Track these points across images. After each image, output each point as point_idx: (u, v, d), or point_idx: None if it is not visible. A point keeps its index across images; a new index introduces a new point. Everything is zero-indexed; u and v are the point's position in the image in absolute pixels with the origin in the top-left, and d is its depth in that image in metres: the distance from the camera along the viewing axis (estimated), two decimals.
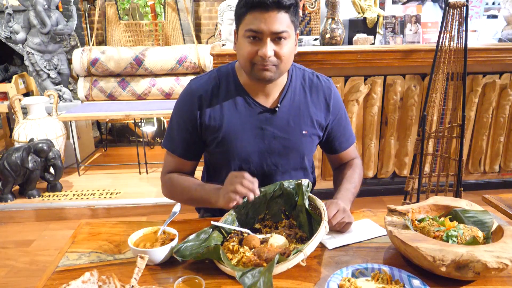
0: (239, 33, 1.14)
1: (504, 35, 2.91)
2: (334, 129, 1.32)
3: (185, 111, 1.23)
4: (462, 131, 2.23)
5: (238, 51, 1.16)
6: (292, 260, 0.89)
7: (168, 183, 1.29)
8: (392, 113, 2.81)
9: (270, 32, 1.08)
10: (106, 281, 0.81)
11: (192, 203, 1.27)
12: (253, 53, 1.10)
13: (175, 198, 1.29)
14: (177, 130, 1.25)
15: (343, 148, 1.36)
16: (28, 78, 3.99)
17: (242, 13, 1.11)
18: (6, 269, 2.25)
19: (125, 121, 4.17)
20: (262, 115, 1.22)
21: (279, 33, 1.09)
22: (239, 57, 1.17)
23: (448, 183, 2.34)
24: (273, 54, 1.10)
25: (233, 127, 1.21)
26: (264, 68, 1.12)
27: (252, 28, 1.08)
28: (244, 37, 1.11)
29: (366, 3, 2.90)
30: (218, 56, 2.52)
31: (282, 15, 1.08)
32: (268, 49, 1.09)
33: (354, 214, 1.24)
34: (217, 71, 1.26)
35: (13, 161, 2.70)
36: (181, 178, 1.26)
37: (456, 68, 2.18)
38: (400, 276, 0.89)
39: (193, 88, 1.23)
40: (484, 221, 1.03)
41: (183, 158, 1.27)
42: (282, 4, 1.07)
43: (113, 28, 4.06)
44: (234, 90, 1.23)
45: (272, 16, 1.07)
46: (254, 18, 1.08)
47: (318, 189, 3.05)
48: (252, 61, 1.12)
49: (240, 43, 1.14)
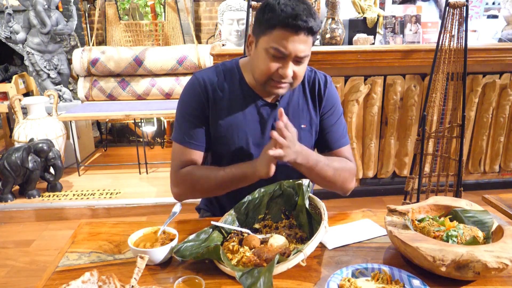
0: (260, 43, 1.12)
1: (504, 35, 2.91)
2: (326, 122, 1.29)
3: (192, 102, 1.22)
4: (462, 131, 2.24)
5: (256, 61, 1.14)
6: (292, 260, 0.89)
7: (188, 177, 1.21)
8: (392, 113, 2.81)
9: (296, 55, 1.09)
10: (106, 281, 0.81)
11: (221, 188, 1.20)
12: (273, 70, 1.11)
13: (197, 191, 1.23)
14: (185, 121, 1.23)
15: (334, 146, 1.30)
16: (28, 78, 3.99)
17: (269, 26, 1.08)
18: (6, 269, 2.25)
19: (125, 121, 4.17)
20: (263, 109, 1.23)
21: (302, 57, 1.10)
22: (256, 69, 1.15)
23: (448, 183, 2.34)
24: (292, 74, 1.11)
25: (235, 120, 1.21)
26: (279, 87, 1.13)
27: (279, 49, 1.07)
28: (267, 52, 1.10)
29: (366, 3, 2.90)
30: (218, 56, 2.53)
31: (309, 40, 1.09)
32: (289, 69, 1.10)
33: (354, 214, 1.24)
34: (222, 65, 1.27)
35: (13, 161, 2.70)
36: (204, 167, 1.23)
37: (456, 68, 2.18)
38: (400, 276, 0.89)
39: (199, 78, 1.23)
40: (484, 221, 1.03)
41: (196, 149, 1.22)
42: (313, 30, 1.07)
43: (113, 28, 4.06)
44: (238, 84, 1.23)
45: (301, 40, 1.07)
46: (282, 38, 1.07)
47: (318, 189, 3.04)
48: (270, 76, 1.12)
49: (260, 55, 1.12)
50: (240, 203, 1.16)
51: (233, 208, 1.16)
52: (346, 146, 1.32)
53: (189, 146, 1.22)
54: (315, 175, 1.19)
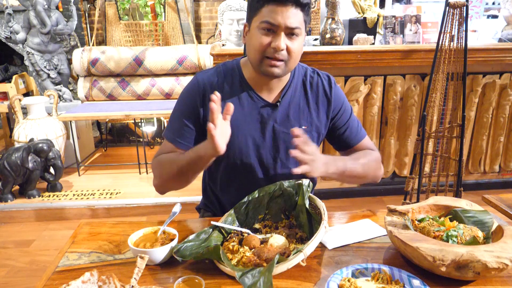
0: (253, 24, 1.15)
1: (504, 35, 2.91)
2: (340, 122, 1.30)
3: (188, 103, 1.24)
4: (462, 131, 2.23)
5: (249, 41, 1.17)
6: (292, 260, 0.89)
7: (157, 163, 1.23)
8: (392, 113, 2.81)
9: (286, 26, 1.10)
10: (106, 281, 0.81)
11: (182, 172, 1.18)
12: (266, 45, 1.12)
13: (164, 176, 1.22)
14: (178, 120, 1.24)
15: (354, 142, 1.32)
16: (28, 78, 3.99)
17: (258, 6, 1.12)
18: (6, 269, 2.25)
19: (125, 121, 4.17)
20: (264, 109, 1.24)
21: (293, 29, 1.11)
22: (250, 48, 1.17)
23: (448, 183, 2.34)
24: (285, 48, 1.12)
25: (235, 120, 1.21)
26: (273, 64, 1.13)
27: (269, 20, 1.10)
28: (258, 29, 1.12)
29: (366, 3, 2.90)
30: (218, 56, 2.52)
31: (298, 12, 1.11)
32: (281, 41, 1.11)
33: (354, 214, 1.24)
34: (223, 65, 1.28)
35: (13, 161, 2.70)
36: (169, 154, 1.22)
37: (456, 68, 2.18)
38: (400, 276, 0.89)
39: (199, 80, 1.24)
40: (484, 221, 1.03)
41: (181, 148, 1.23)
42: (299, 1, 1.09)
43: (113, 28, 4.06)
44: (238, 84, 1.24)
45: (289, 11, 1.09)
46: (271, 11, 1.10)
47: (318, 189, 3.05)
48: (263, 53, 1.13)
49: (252, 34, 1.15)
50: (240, 203, 1.16)
51: (233, 208, 1.16)
52: (365, 138, 1.35)
53: (174, 144, 1.23)
54: (347, 177, 1.21)
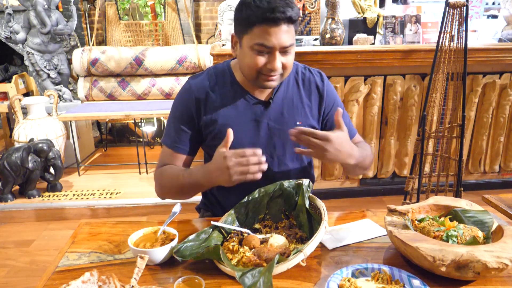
0: (244, 42, 1.13)
1: (504, 35, 2.91)
2: (332, 118, 1.30)
3: (182, 109, 1.25)
4: (462, 131, 2.23)
5: (243, 60, 1.15)
6: (292, 260, 0.89)
7: (160, 176, 1.25)
8: (392, 113, 2.81)
9: (280, 46, 1.09)
10: (106, 281, 0.81)
11: (183, 192, 1.21)
12: (261, 66, 1.12)
13: (164, 190, 1.25)
14: (174, 125, 1.26)
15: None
16: (28, 78, 3.99)
17: (249, 24, 1.09)
18: (6, 269, 2.25)
19: (125, 121, 4.17)
20: (257, 108, 1.24)
21: (287, 47, 1.10)
22: (244, 66, 1.16)
23: (448, 183, 2.34)
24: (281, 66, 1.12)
25: (229, 120, 1.23)
26: (270, 79, 1.14)
27: (263, 43, 1.08)
28: (251, 49, 1.11)
29: (366, 3, 2.90)
30: (218, 56, 2.52)
31: (290, 28, 1.10)
32: (277, 62, 1.10)
33: (354, 214, 1.24)
34: (214, 68, 1.29)
35: (13, 161, 2.70)
36: (170, 167, 1.24)
37: (456, 68, 2.18)
38: (400, 276, 0.89)
39: (192, 85, 1.25)
40: (484, 221, 1.03)
41: (179, 153, 1.26)
42: (292, 19, 1.08)
43: (113, 28, 4.06)
44: (229, 85, 1.25)
45: (282, 31, 1.08)
46: (263, 32, 1.07)
47: (318, 189, 3.06)
48: (259, 71, 1.13)
49: (245, 54, 1.13)
50: (240, 203, 1.16)
51: (233, 208, 1.16)
52: (357, 134, 1.37)
53: (173, 149, 1.26)
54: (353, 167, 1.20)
